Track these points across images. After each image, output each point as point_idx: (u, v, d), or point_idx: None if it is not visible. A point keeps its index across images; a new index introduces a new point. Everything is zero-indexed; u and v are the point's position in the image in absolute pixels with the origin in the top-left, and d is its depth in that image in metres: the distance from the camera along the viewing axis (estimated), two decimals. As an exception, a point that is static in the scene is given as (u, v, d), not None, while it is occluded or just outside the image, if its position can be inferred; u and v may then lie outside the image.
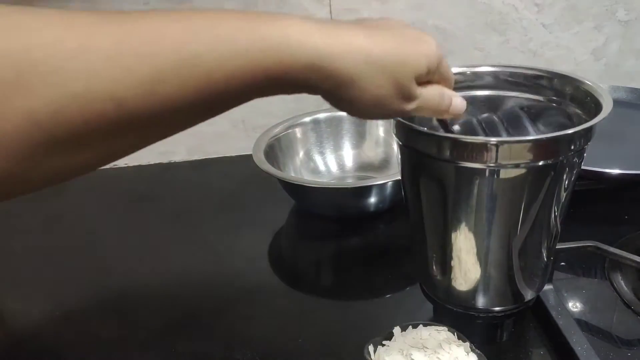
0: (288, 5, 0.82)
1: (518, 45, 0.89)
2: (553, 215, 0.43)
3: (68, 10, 0.28)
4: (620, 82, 0.89)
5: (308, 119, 0.79)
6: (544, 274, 0.49)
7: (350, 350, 0.49)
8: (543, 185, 0.40)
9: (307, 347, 0.50)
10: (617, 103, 0.79)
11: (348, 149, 0.80)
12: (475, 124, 0.48)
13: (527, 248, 0.44)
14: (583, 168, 0.61)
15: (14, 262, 0.66)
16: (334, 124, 0.79)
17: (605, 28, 0.88)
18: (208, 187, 0.82)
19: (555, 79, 0.48)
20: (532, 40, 0.89)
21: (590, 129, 0.39)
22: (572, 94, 0.47)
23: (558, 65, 0.90)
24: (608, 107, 0.40)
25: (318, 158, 0.78)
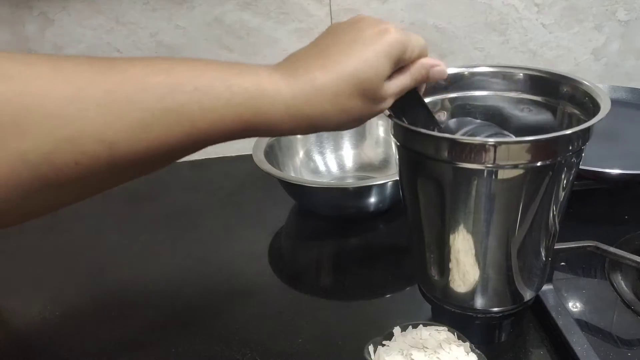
0: (288, 5, 0.82)
1: (518, 45, 0.89)
2: (551, 215, 0.43)
3: (54, 56, 0.30)
4: (620, 82, 0.89)
5: (308, 119, 0.78)
6: (543, 274, 0.49)
7: (350, 350, 0.49)
8: (541, 186, 0.40)
9: (307, 347, 0.50)
10: (616, 103, 0.80)
11: (348, 149, 0.80)
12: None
13: (525, 248, 0.44)
14: (583, 168, 0.61)
15: (14, 262, 0.66)
16: (334, 124, 0.79)
17: (605, 28, 0.88)
18: (208, 187, 0.82)
19: (553, 79, 0.48)
20: (532, 40, 0.89)
21: (588, 130, 0.39)
22: (570, 95, 0.46)
23: (558, 65, 0.90)
24: (606, 107, 0.40)
25: (318, 158, 0.78)
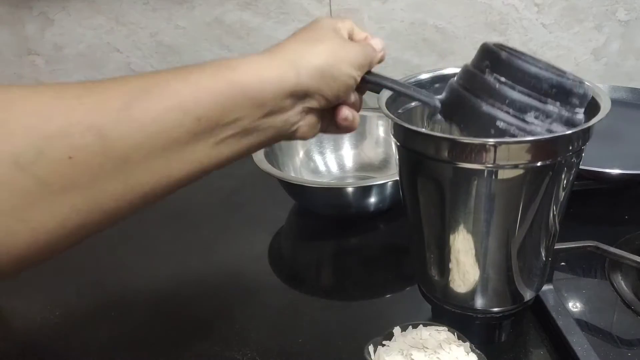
0: (288, 5, 0.83)
1: (518, 45, 0.88)
2: (552, 215, 0.43)
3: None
4: (620, 82, 0.89)
5: (308, 119, 0.78)
6: (543, 274, 0.49)
7: (350, 350, 0.49)
8: (541, 186, 0.40)
9: (307, 347, 0.50)
10: (617, 103, 0.80)
11: (348, 149, 0.80)
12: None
13: (525, 248, 0.44)
14: (583, 168, 0.61)
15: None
16: (334, 124, 0.79)
17: (605, 28, 0.88)
18: (208, 187, 0.82)
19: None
20: (532, 40, 0.89)
21: (589, 130, 0.39)
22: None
23: (558, 65, 0.90)
24: (606, 107, 0.40)
25: (318, 158, 0.78)
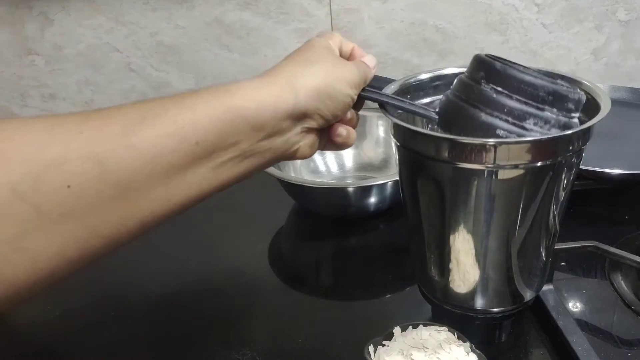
0: (288, 5, 0.83)
1: (518, 45, 0.89)
2: (552, 215, 0.43)
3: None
4: (621, 82, 0.89)
5: (308, 119, 0.78)
6: (543, 274, 0.49)
7: (350, 350, 0.49)
8: (541, 186, 0.40)
9: (307, 347, 0.50)
10: (617, 103, 0.80)
11: (348, 149, 0.79)
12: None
13: (526, 248, 0.44)
14: (583, 168, 0.61)
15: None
16: (334, 124, 0.79)
17: (606, 28, 0.88)
18: (208, 187, 0.82)
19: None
20: (532, 40, 0.89)
21: (589, 130, 0.39)
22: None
23: (558, 65, 0.90)
24: (606, 107, 0.40)
25: (318, 158, 0.78)
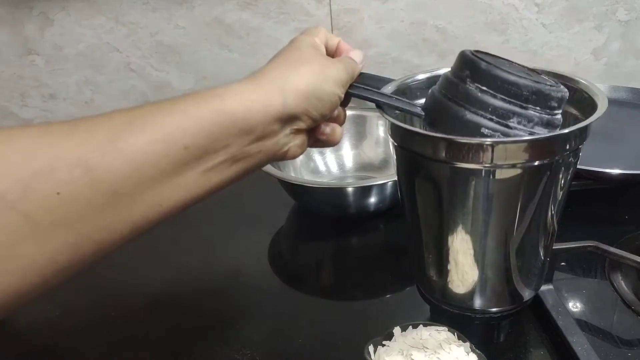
0: (288, 5, 0.83)
1: (518, 45, 0.89)
2: (550, 215, 0.43)
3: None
4: (621, 82, 0.89)
5: (308, 120, 0.79)
6: (542, 274, 0.49)
7: (350, 350, 0.49)
8: (539, 185, 0.40)
9: (307, 347, 0.50)
10: (617, 103, 0.80)
11: (348, 149, 0.80)
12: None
13: (524, 248, 0.44)
14: (583, 168, 0.61)
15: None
16: (334, 125, 0.79)
17: (606, 28, 0.88)
18: (209, 187, 0.82)
19: (550, 79, 0.48)
20: (532, 40, 0.89)
21: (586, 129, 0.39)
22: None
23: (558, 65, 0.90)
24: (603, 106, 0.40)
25: (318, 158, 0.78)
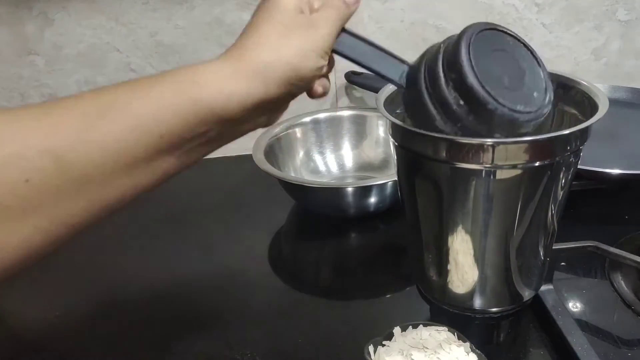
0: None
1: (518, 45, 0.88)
2: (550, 215, 0.43)
3: None
4: (621, 82, 0.89)
5: (308, 119, 0.79)
6: (542, 274, 0.49)
7: (350, 350, 0.49)
8: (540, 186, 0.40)
9: (307, 347, 0.50)
10: (617, 103, 0.80)
11: (348, 149, 0.80)
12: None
13: (524, 248, 0.44)
14: (583, 168, 0.61)
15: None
16: (334, 124, 0.80)
17: (606, 28, 0.88)
18: (208, 187, 0.82)
19: (552, 80, 0.48)
20: (532, 40, 0.88)
21: (586, 130, 0.39)
22: (568, 95, 0.46)
23: (558, 65, 0.90)
24: (604, 108, 0.40)
25: (318, 158, 0.78)
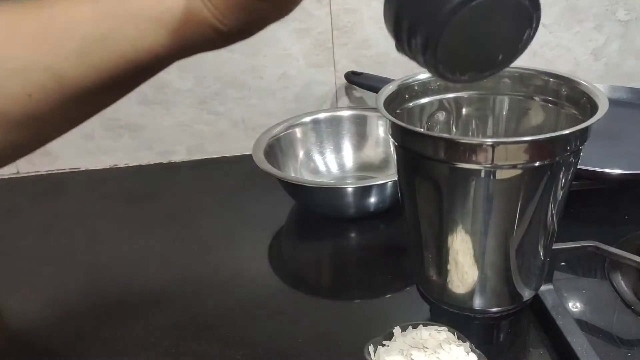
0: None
1: (518, 45, 0.88)
2: (550, 215, 0.43)
3: None
4: (621, 82, 0.89)
5: (308, 119, 0.79)
6: (542, 273, 0.49)
7: (350, 350, 0.49)
8: (539, 186, 0.40)
9: (307, 347, 0.50)
10: (617, 103, 0.80)
11: (348, 149, 0.80)
12: None
13: (524, 248, 0.44)
14: (583, 168, 0.61)
15: (14, 261, 0.67)
16: (334, 124, 0.79)
17: (606, 28, 0.88)
18: (208, 187, 0.82)
19: (551, 80, 0.48)
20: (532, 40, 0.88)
21: (586, 130, 0.39)
22: (568, 95, 0.46)
23: (558, 65, 0.90)
24: (604, 108, 0.40)
25: (318, 158, 0.78)
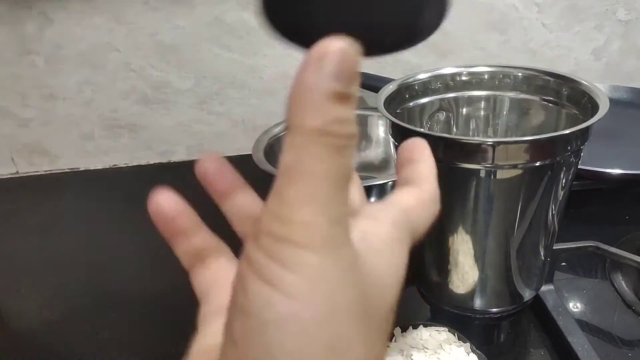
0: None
1: (518, 45, 0.88)
2: (550, 215, 0.43)
3: None
4: (621, 81, 0.89)
5: (308, 119, 0.78)
6: (542, 274, 0.49)
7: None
8: (540, 186, 0.40)
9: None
10: (617, 103, 0.80)
11: (348, 149, 0.79)
12: None
13: (524, 248, 0.44)
14: (583, 168, 0.61)
15: (14, 262, 0.66)
16: (334, 124, 0.79)
17: (606, 28, 0.88)
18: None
19: (552, 79, 0.48)
20: (532, 40, 0.88)
21: (587, 130, 0.39)
22: (568, 94, 0.46)
23: (558, 65, 0.90)
24: (604, 107, 0.40)
25: (318, 158, 0.78)
